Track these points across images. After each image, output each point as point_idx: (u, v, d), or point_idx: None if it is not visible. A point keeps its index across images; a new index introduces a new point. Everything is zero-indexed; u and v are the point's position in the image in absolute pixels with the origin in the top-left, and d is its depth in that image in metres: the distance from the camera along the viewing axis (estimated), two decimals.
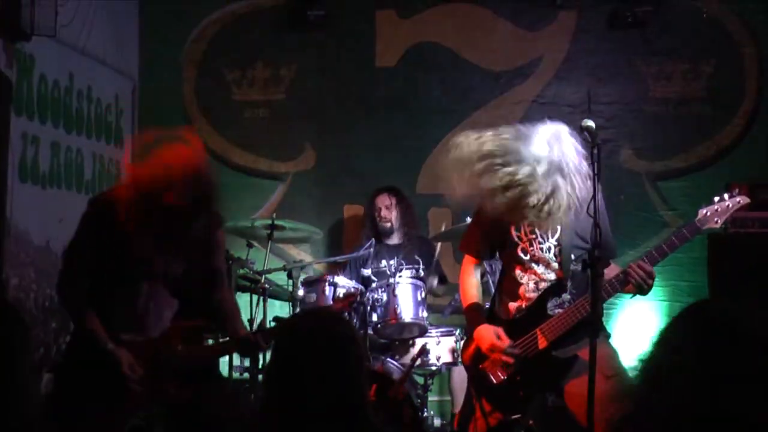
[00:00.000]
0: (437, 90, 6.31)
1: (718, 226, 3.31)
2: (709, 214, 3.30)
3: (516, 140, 3.21)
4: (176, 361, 3.28)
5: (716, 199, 3.32)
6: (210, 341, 3.76)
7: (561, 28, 6.25)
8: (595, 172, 2.99)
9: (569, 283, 3.40)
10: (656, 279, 3.28)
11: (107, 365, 3.13)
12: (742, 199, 3.33)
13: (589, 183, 3.09)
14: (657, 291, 5.83)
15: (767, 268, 5.05)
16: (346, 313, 4.76)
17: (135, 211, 3.08)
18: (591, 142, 3.04)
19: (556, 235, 3.43)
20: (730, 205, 3.30)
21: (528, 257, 3.46)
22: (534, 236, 3.45)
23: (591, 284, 2.94)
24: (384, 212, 5.52)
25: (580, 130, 3.13)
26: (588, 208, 3.00)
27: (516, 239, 3.48)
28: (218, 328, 3.60)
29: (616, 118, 6.14)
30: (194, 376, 3.31)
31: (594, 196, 2.97)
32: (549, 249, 3.44)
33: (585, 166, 3.15)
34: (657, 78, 6.15)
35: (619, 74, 6.19)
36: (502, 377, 3.42)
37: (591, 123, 3.10)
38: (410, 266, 5.02)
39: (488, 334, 3.42)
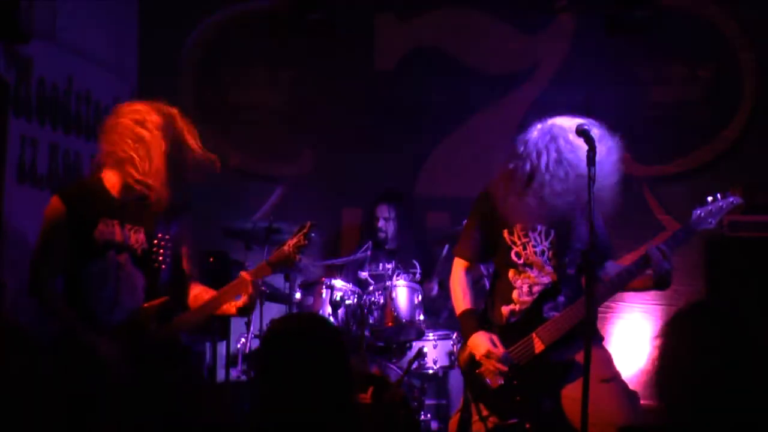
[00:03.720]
0: (436, 93, 6.31)
1: (712, 226, 3.32)
2: (703, 214, 3.31)
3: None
4: (154, 341, 3.34)
5: (710, 199, 3.33)
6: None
7: (559, 32, 6.25)
8: (591, 175, 2.99)
9: (563, 286, 3.41)
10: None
11: (91, 356, 3.18)
12: (736, 200, 3.34)
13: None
14: (653, 297, 5.85)
15: (764, 272, 5.06)
16: (343, 316, 4.77)
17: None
18: (588, 146, 3.05)
19: (550, 238, 3.44)
20: (724, 206, 3.31)
21: (522, 260, 3.46)
22: (528, 239, 3.45)
23: (586, 287, 2.95)
24: (381, 223, 5.52)
25: (577, 134, 3.15)
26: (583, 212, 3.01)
27: (510, 242, 3.47)
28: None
29: (614, 122, 6.13)
30: (171, 357, 3.38)
31: (590, 200, 2.97)
32: (543, 252, 3.44)
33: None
34: (655, 82, 6.15)
35: (617, 78, 6.18)
36: (499, 382, 3.42)
37: (588, 127, 3.11)
38: (407, 271, 5.04)
39: (483, 341, 3.41)
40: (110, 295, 3.33)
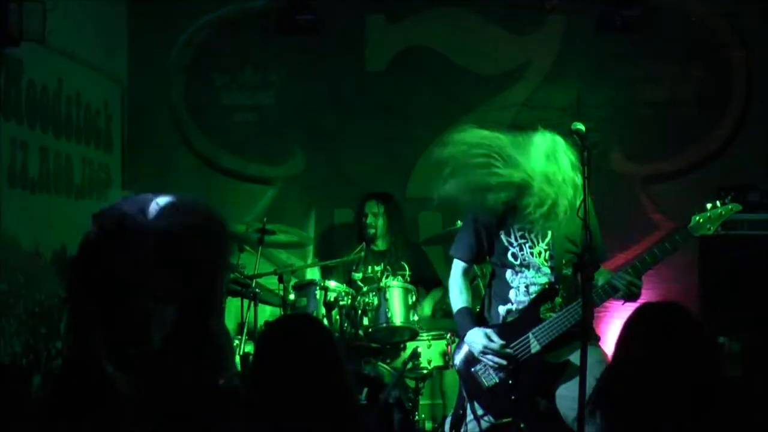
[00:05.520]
0: (427, 94, 6.30)
1: (710, 232, 3.33)
2: (701, 221, 3.32)
3: (513, 147, 3.25)
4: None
5: (709, 206, 3.34)
6: None
7: (550, 32, 6.26)
8: (585, 175, 3.00)
9: (560, 287, 3.42)
10: (648, 282, 3.30)
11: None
12: (734, 207, 3.35)
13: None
14: (649, 294, 5.85)
15: (757, 269, 5.08)
16: (337, 317, 4.76)
17: None
18: (581, 145, 3.05)
19: (547, 239, 3.44)
20: (723, 213, 3.32)
21: (519, 261, 3.47)
22: (525, 240, 3.46)
23: (581, 288, 2.95)
24: (370, 219, 5.51)
25: (569, 134, 3.15)
26: (578, 211, 3.01)
27: (507, 243, 3.48)
28: None
29: (605, 121, 6.15)
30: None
31: (584, 200, 2.98)
32: (540, 253, 3.45)
33: (578, 178, 3.19)
34: (646, 81, 6.17)
35: (608, 78, 6.20)
36: (493, 381, 3.43)
37: (581, 126, 3.11)
38: (396, 273, 5.04)
39: (479, 337, 3.43)
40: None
